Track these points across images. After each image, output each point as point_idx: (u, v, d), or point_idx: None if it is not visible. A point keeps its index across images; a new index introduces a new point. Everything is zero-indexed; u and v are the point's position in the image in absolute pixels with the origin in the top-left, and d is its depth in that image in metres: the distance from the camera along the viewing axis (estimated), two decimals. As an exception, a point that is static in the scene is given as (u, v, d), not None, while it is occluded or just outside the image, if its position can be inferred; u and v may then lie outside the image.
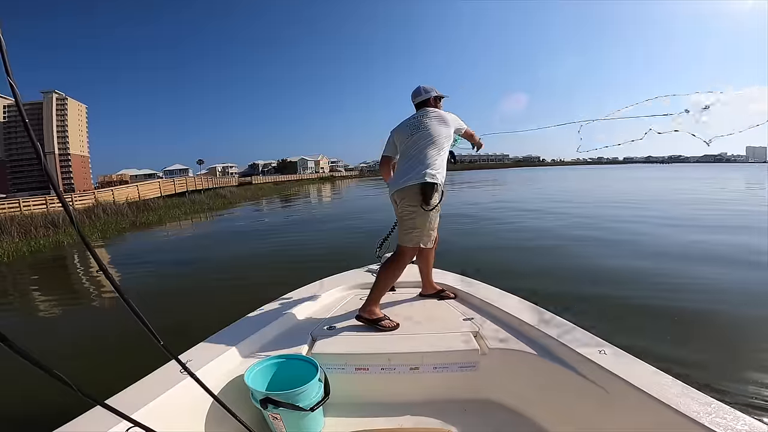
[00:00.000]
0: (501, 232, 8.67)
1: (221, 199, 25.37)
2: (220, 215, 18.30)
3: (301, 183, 59.56)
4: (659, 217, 9.75)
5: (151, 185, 26.06)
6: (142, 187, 24.38)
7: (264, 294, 2.38)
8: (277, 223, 14.59)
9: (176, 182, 28.63)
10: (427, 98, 2.18)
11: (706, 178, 32.29)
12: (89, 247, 0.60)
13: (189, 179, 31.72)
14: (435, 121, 2.06)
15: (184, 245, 10.76)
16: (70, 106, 77.50)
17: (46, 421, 1.14)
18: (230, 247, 9.17)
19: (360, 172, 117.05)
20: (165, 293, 5.50)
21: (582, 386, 1.39)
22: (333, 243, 8.56)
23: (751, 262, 5.39)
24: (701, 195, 16.98)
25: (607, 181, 31.14)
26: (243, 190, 34.75)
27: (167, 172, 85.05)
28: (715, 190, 19.93)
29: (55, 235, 12.25)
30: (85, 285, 6.85)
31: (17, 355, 0.48)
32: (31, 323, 4.80)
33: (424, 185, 1.91)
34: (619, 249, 6.53)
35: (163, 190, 25.82)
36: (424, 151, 1.99)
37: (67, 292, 6.37)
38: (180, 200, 22.77)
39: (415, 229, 1.96)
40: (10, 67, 0.46)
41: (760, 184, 23.88)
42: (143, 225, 15.24)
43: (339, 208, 19.78)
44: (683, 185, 23.97)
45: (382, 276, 1.97)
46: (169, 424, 1.20)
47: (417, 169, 1.95)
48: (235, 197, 28.00)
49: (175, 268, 7.42)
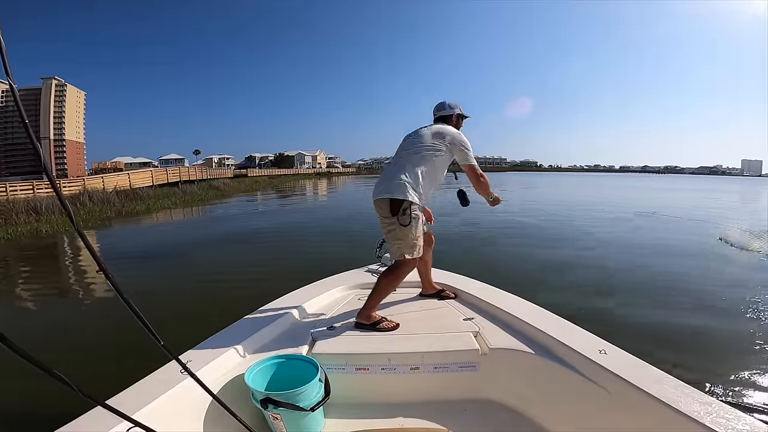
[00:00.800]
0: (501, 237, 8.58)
1: (214, 191, 24.85)
2: (212, 208, 17.94)
3: (297, 177, 58.97)
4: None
5: (144, 174, 25.28)
6: (133, 175, 23.53)
7: (259, 294, 2.38)
8: (272, 219, 13.94)
9: (169, 172, 27.77)
10: (447, 114, 2.12)
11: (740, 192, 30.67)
12: (87, 243, 0.59)
13: (183, 169, 30.64)
14: (431, 132, 1.98)
15: (167, 239, 10.12)
16: (69, 93, 76.58)
17: (46, 421, 1.14)
18: (212, 247, 8.53)
19: (357, 169, 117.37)
20: (141, 291, 5.20)
21: (582, 386, 1.39)
22: (330, 241, 8.47)
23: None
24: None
25: (637, 192, 27.76)
26: (237, 183, 34.19)
27: (163, 161, 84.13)
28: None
29: (36, 222, 11.91)
30: (69, 279, 6.76)
31: (17, 354, 0.48)
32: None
33: (392, 201, 1.85)
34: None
35: (155, 179, 25.04)
36: (404, 160, 1.95)
37: (50, 286, 6.25)
38: (171, 190, 22.26)
39: (397, 240, 1.89)
40: (9, 68, 0.47)
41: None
42: (129, 215, 14.89)
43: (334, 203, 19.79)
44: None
45: (382, 284, 1.94)
46: (170, 424, 1.20)
47: (391, 180, 1.89)
48: (229, 189, 27.57)
49: (149, 263, 7.08)
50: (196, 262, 7.09)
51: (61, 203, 0.55)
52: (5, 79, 0.48)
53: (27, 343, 0.46)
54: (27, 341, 3.51)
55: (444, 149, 1.95)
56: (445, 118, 2.12)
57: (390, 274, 1.95)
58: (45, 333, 4.06)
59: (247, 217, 14.91)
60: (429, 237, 2.24)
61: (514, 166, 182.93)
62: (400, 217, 1.83)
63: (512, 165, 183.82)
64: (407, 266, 1.93)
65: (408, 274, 1.96)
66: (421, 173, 1.90)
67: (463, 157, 1.98)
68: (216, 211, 16.82)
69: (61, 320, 4.57)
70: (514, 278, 5.06)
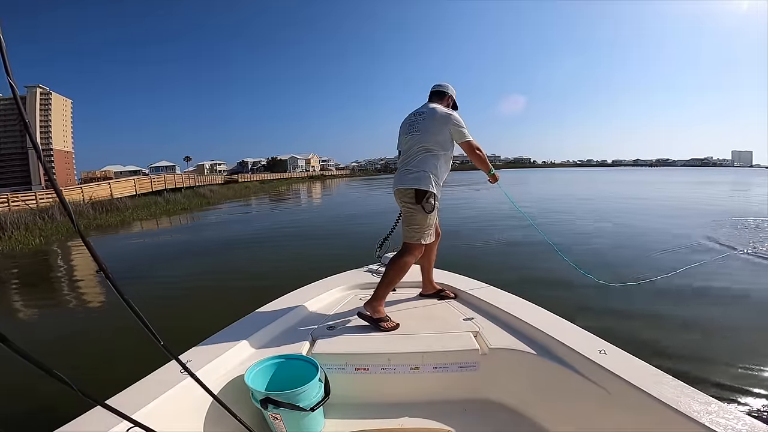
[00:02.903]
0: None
1: (200, 199, 23.84)
2: (195, 216, 17.04)
3: (289, 182, 57.65)
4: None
5: (126, 183, 23.95)
6: (115, 185, 22.34)
7: (259, 294, 2.36)
8: (252, 226, 12.81)
9: (153, 180, 26.58)
10: (440, 91, 2.19)
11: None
12: (87, 244, 0.59)
13: (168, 177, 29.45)
14: (428, 124, 2.06)
15: (128, 255, 8.85)
16: (55, 101, 75.78)
17: (46, 421, 1.14)
18: (186, 260, 7.66)
19: (351, 171, 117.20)
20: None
21: (582, 386, 1.39)
22: (331, 241, 8.41)
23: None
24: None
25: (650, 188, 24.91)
26: (226, 189, 32.97)
27: (153, 168, 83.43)
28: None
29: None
30: (67, 284, 6.61)
31: (17, 355, 0.48)
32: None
33: (417, 191, 1.99)
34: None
35: (139, 188, 23.87)
36: (417, 155, 2.05)
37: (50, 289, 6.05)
38: (153, 199, 21.27)
39: (415, 225, 2.02)
40: (10, 67, 0.46)
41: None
42: (99, 228, 13.70)
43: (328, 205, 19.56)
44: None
45: (392, 271, 1.99)
46: (170, 424, 1.20)
47: (410, 173, 2.04)
48: (216, 196, 26.57)
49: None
50: (172, 279, 6.24)
51: (62, 205, 0.56)
52: (5, 80, 0.47)
53: (27, 344, 0.46)
54: (27, 342, 3.63)
55: (442, 140, 2.05)
56: (442, 94, 2.19)
57: (399, 258, 2.03)
58: (45, 333, 4.04)
59: (225, 225, 14.05)
60: (436, 230, 2.27)
61: (507, 163, 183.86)
62: (425, 204, 1.98)
63: (506, 162, 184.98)
64: (416, 250, 2.03)
65: (416, 259, 2.07)
66: (439, 165, 2.05)
67: (460, 135, 2.05)
68: (205, 218, 16.22)
69: (60, 322, 4.53)
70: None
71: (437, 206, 2.06)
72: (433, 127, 2.03)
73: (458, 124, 2.03)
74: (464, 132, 2.04)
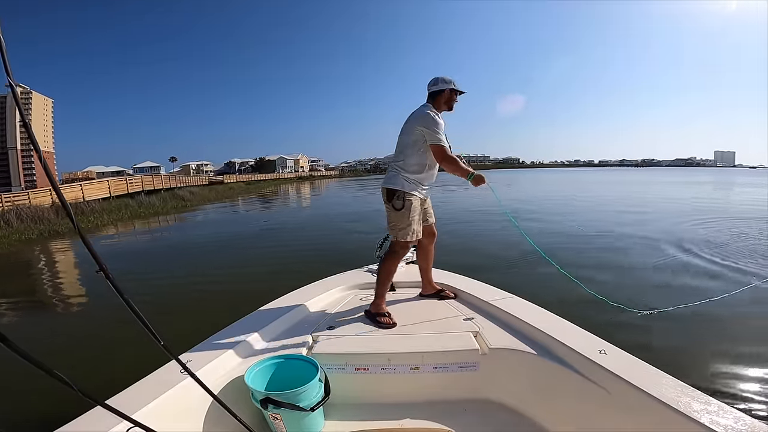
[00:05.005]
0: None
1: (177, 201, 22.19)
2: (165, 220, 16.01)
3: (276, 182, 55.70)
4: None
5: (99, 185, 21.82)
6: (87, 187, 20.27)
7: (259, 294, 2.35)
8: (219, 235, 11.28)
9: (129, 181, 24.51)
10: (438, 90, 2.14)
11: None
12: (87, 244, 0.58)
13: (146, 178, 27.76)
14: (407, 124, 2.10)
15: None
16: (35, 100, 73.60)
17: (46, 421, 1.14)
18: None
19: (340, 172, 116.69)
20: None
21: (582, 386, 1.39)
22: (330, 242, 8.36)
23: None
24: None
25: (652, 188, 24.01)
26: (208, 191, 30.99)
27: (137, 169, 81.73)
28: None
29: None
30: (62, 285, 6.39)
31: (17, 355, 0.48)
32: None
33: (388, 190, 2.06)
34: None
35: (113, 190, 21.95)
36: (398, 156, 2.11)
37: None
38: (125, 202, 19.72)
39: (390, 223, 2.08)
40: (10, 67, 0.46)
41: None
42: (57, 235, 12.29)
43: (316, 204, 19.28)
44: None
45: (383, 269, 2.05)
46: (170, 424, 1.19)
47: (388, 173, 2.12)
48: (196, 199, 24.70)
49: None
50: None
51: (62, 205, 0.56)
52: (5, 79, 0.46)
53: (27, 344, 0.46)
54: (27, 342, 3.62)
55: (413, 141, 2.05)
56: (435, 94, 2.12)
57: (386, 257, 2.09)
58: (45, 334, 4.01)
59: (192, 229, 13.31)
60: (431, 229, 2.28)
61: (497, 163, 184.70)
62: (395, 202, 2.02)
63: (495, 162, 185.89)
64: (400, 248, 2.07)
65: (403, 256, 2.12)
66: (412, 162, 2.05)
67: (430, 136, 2.00)
68: (174, 223, 15.15)
69: (60, 322, 4.51)
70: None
71: (418, 207, 2.05)
72: (408, 127, 2.08)
73: (430, 125, 1.98)
74: (435, 134, 1.98)
